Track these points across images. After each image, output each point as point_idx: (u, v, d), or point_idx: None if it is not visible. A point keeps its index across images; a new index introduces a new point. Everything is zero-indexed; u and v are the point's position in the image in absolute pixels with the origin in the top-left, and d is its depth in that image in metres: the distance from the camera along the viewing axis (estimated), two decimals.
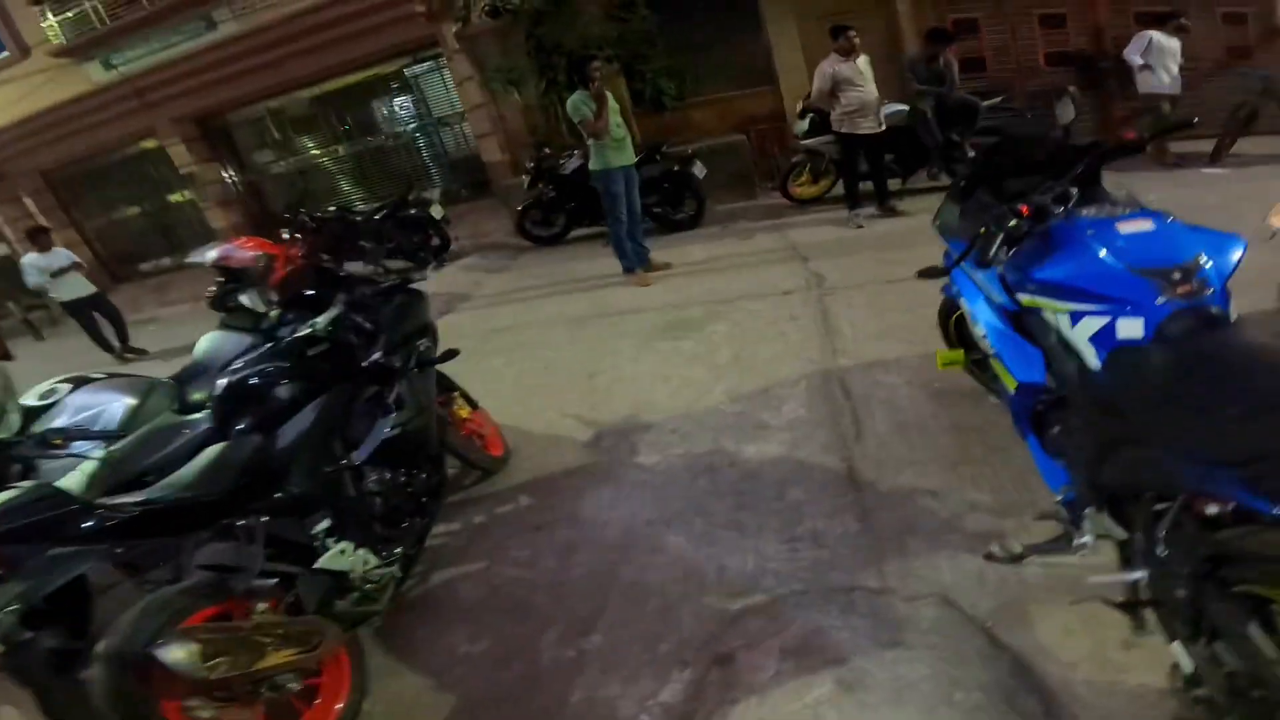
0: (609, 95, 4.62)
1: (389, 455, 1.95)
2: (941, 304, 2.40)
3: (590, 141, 4.71)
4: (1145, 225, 1.33)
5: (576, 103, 4.57)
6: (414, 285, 2.46)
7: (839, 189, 5.80)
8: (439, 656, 1.87)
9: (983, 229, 1.43)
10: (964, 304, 1.78)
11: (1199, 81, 6.87)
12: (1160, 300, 1.21)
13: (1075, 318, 1.32)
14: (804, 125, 6.05)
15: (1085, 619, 1.48)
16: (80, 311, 6.39)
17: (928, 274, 2.21)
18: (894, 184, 5.87)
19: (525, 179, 6.74)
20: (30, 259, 6.18)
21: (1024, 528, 1.82)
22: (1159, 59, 5.95)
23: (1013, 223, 1.40)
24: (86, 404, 2.14)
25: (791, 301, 3.98)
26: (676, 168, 6.10)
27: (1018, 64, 7.46)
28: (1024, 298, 1.45)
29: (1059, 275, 1.35)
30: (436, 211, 7.09)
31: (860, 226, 5.30)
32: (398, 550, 1.85)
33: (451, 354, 2.39)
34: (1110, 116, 7.19)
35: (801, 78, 7.09)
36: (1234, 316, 1.25)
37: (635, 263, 5.05)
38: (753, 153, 7.35)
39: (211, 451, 1.54)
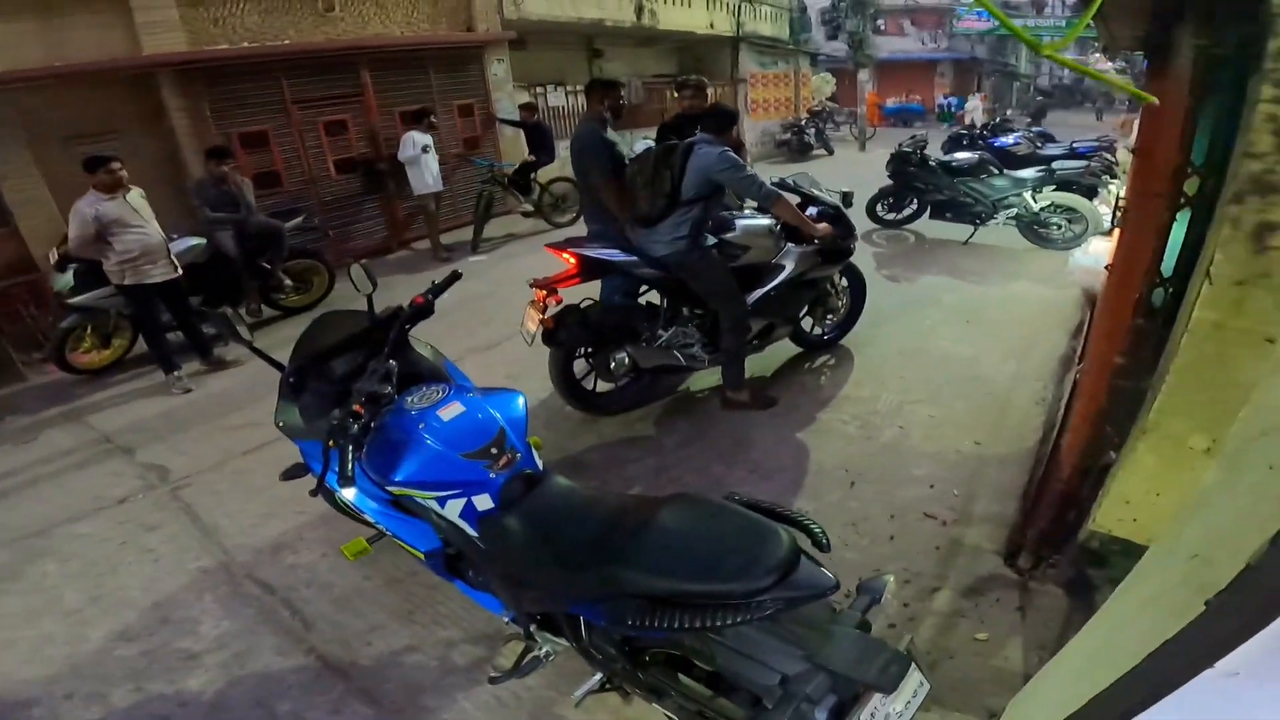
0: None
1: None
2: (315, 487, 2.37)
3: None
4: (457, 409, 1.63)
5: None
6: None
7: (142, 347, 4.82)
8: None
9: (331, 441, 1.48)
10: (342, 496, 1.81)
11: (451, 175, 8.40)
12: (492, 475, 1.54)
13: (440, 501, 1.53)
14: (68, 279, 4.68)
15: (596, 700, 1.78)
16: None
17: (291, 475, 2.13)
18: (212, 329, 5.23)
19: None
20: None
21: (502, 643, 2.07)
22: (421, 158, 6.97)
23: (355, 429, 1.50)
24: None
25: (136, 510, 3.16)
26: None
27: (311, 175, 7.53)
28: (392, 489, 1.58)
29: (411, 475, 1.53)
30: None
31: (188, 390, 4.49)
32: None
33: None
34: (395, 218, 8.21)
35: (49, 215, 5.63)
36: (541, 465, 1.69)
37: None
38: None
39: None
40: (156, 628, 2.41)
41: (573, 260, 3.23)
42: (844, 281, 4.10)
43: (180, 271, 4.58)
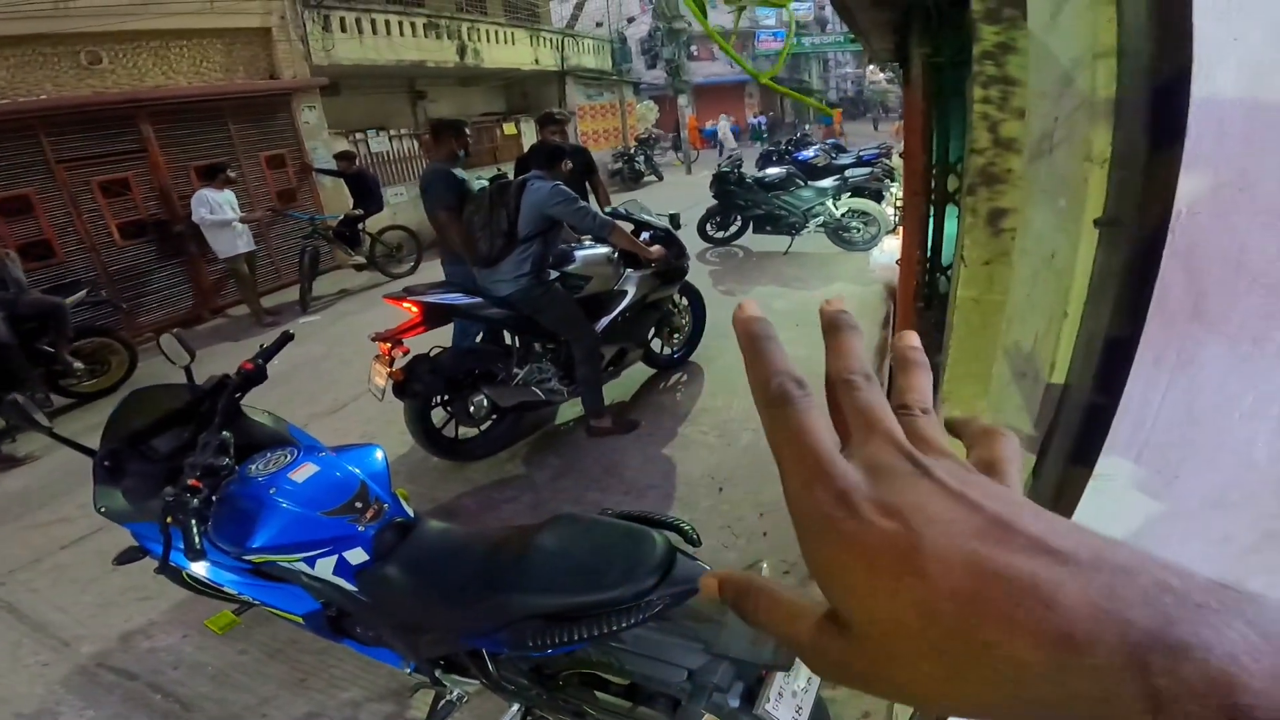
0: None
1: None
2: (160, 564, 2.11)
3: None
4: (311, 469, 1.54)
5: None
6: None
7: None
8: None
9: (168, 519, 1.36)
10: (197, 571, 1.63)
11: (267, 232, 7.74)
12: (360, 529, 1.47)
13: (309, 561, 1.44)
14: None
15: None
16: None
17: (125, 559, 1.86)
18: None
19: None
20: None
21: (409, 695, 2.00)
22: (222, 216, 6.19)
23: (195, 503, 1.38)
24: None
25: None
26: None
27: (91, 242, 6.59)
28: (250, 557, 1.46)
29: (272, 539, 1.42)
30: None
31: None
32: None
33: None
34: (202, 284, 7.38)
35: None
36: (412, 513, 1.63)
37: None
38: None
39: None
40: None
41: (415, 309, 3.14)
42: (684, 301, 4.35)
43: None
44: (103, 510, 1.72)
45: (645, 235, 3.85)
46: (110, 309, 6.07)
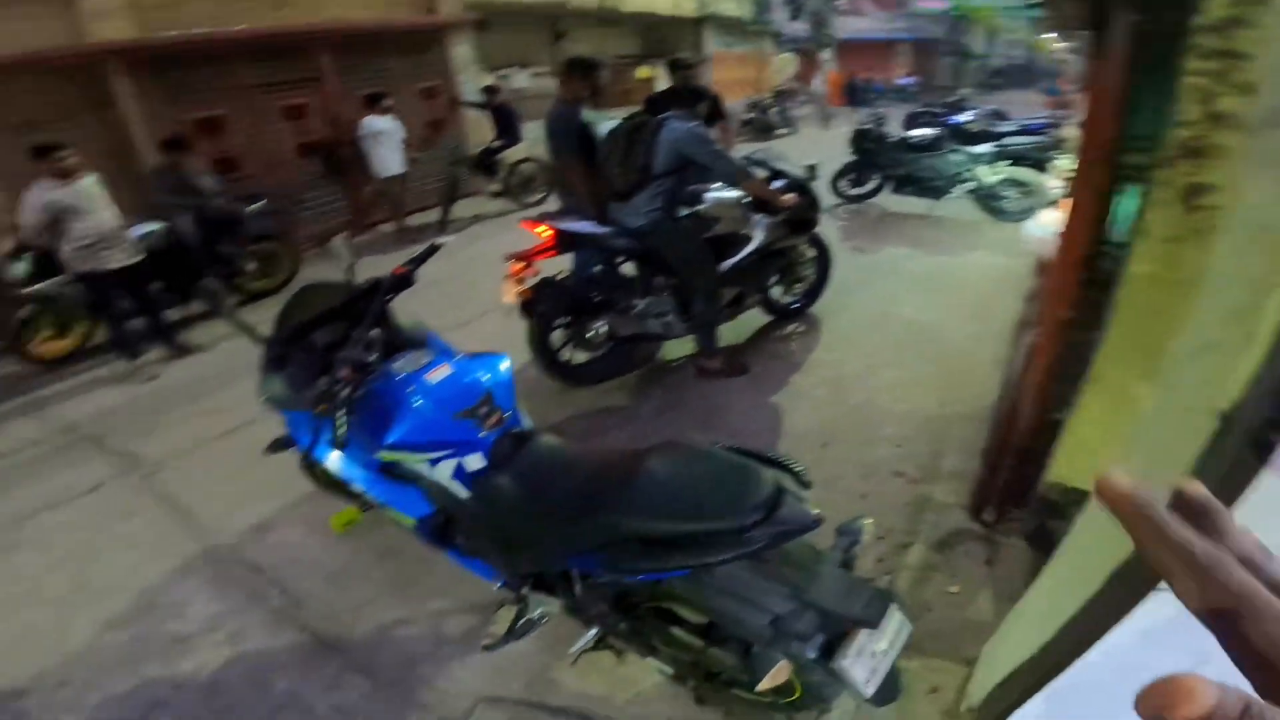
0: None
1: None
2: (300, 460, 2.39)
3: None
4: (445, 370, 1.65)
5: None
6: None
7: (104, 335, 4.75)
8: None
9: (320, 408, 1.51)
10: (329, 465, 1.82)
11: (416, 158, 8.07)
12: (482, 434, 1.57)
13: (432, 463, 1.56)
14: (24, 267, 4.59)
15: (588, 660, 1.84)
16: None
17: (277, 448, 2.14)
18: (175, 314, 5.19)
19: None
20: None
21: (494, 610, 2.08)
22: (381, 141, 6.90)
23: (345, 394, 1.53)
24: None
25: (110, 497, 3.13)
26: None
27: (269, 159, 7.40)
28: (382, 454, 1.60)
29: (403, 436, 1.54)
30: None
31: (154, 377, 4.45)
32: None
33: None
34: (359, 201, 8.06)
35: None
36: (528, 424, 1.72)
37: None
38: None
39: None
40: (145, 613, 2.40)
41: (549, 233, 3.27)
42: (811, 252, 4.22)
43: (140, 257, 4.52)
44: (265, 397, 1.93)
45: (778, 184, 3.75)
46: (281, 218, 6.78)
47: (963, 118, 9.58)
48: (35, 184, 4.07)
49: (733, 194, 3.63)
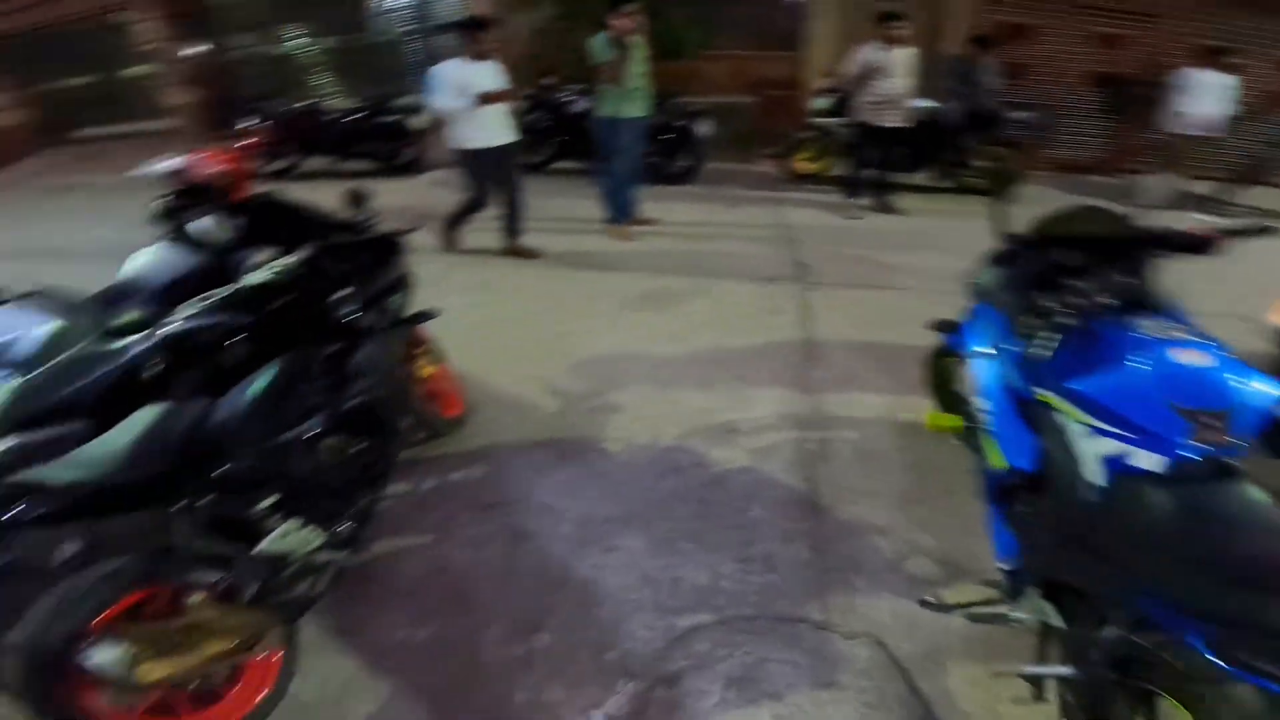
0: (637, 43, 4.27)
1: (347, 423, 1.82)
2: (935, 349, 2.36)
3: (603, 86, 4.38)
4: (1202, 359, 1.26)
5: (599, 45, 4.24)
6: (391, 233, 2.25)
7: (837, 171, 5.76)
8: (376, 638, 1.80)
9: (1036, 320, 1.41)
10: (970, 370, 1.73)
11: (1238, 125, 6.43)
12: (1187, 442, 1.18)
13: (1094, 431, 1.28)
14: (825, 103, 5.86)
15: (987, 673, 1.61)
16: None
17: (941, 328, 2.14)
18: (901, 178, 5.76)
19: (522, 104, 6.38)
20: None
21: (959, 579, 1.91)
22: (1202, 96, 5.67)
23: (1067, 320, 1.38)
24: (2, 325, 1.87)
25: (774, 292, 3.92)
26: (681, 121, 5.84)
27: (1058, 76, 7.19)
28: (1044, 393, 1.40)
29: (1096, 393, 1.29)
30: (418, 121, 6.62)
31: (857, 218, 5.26)
32: (345, 527, 1.75)
33: (427, 315, 2.23)
34: (1123, 144, 7.01)
35: (828, 51, 6.73)
36: (1244, 467, 1.24)
37: (621, 216, 4.85)
38: (759, 118, 7.05)
39: (146, 416, 1.35)
40: (728, 391, 2.89)
41: None
42: None
43: (909, 125, 5.12)
44: (976, 283, 1.89)
45: None
46: (1034, 132, 6.37)
47: None
48: (866, 43, 4.93)
49: None
